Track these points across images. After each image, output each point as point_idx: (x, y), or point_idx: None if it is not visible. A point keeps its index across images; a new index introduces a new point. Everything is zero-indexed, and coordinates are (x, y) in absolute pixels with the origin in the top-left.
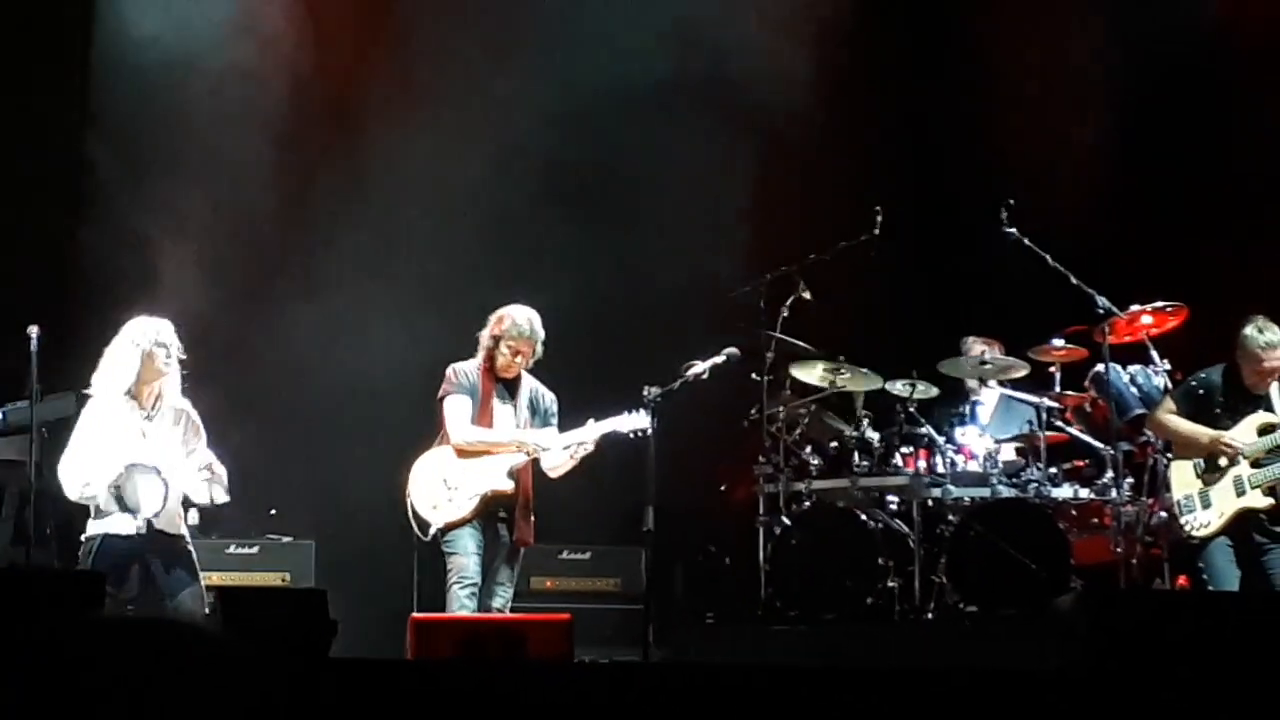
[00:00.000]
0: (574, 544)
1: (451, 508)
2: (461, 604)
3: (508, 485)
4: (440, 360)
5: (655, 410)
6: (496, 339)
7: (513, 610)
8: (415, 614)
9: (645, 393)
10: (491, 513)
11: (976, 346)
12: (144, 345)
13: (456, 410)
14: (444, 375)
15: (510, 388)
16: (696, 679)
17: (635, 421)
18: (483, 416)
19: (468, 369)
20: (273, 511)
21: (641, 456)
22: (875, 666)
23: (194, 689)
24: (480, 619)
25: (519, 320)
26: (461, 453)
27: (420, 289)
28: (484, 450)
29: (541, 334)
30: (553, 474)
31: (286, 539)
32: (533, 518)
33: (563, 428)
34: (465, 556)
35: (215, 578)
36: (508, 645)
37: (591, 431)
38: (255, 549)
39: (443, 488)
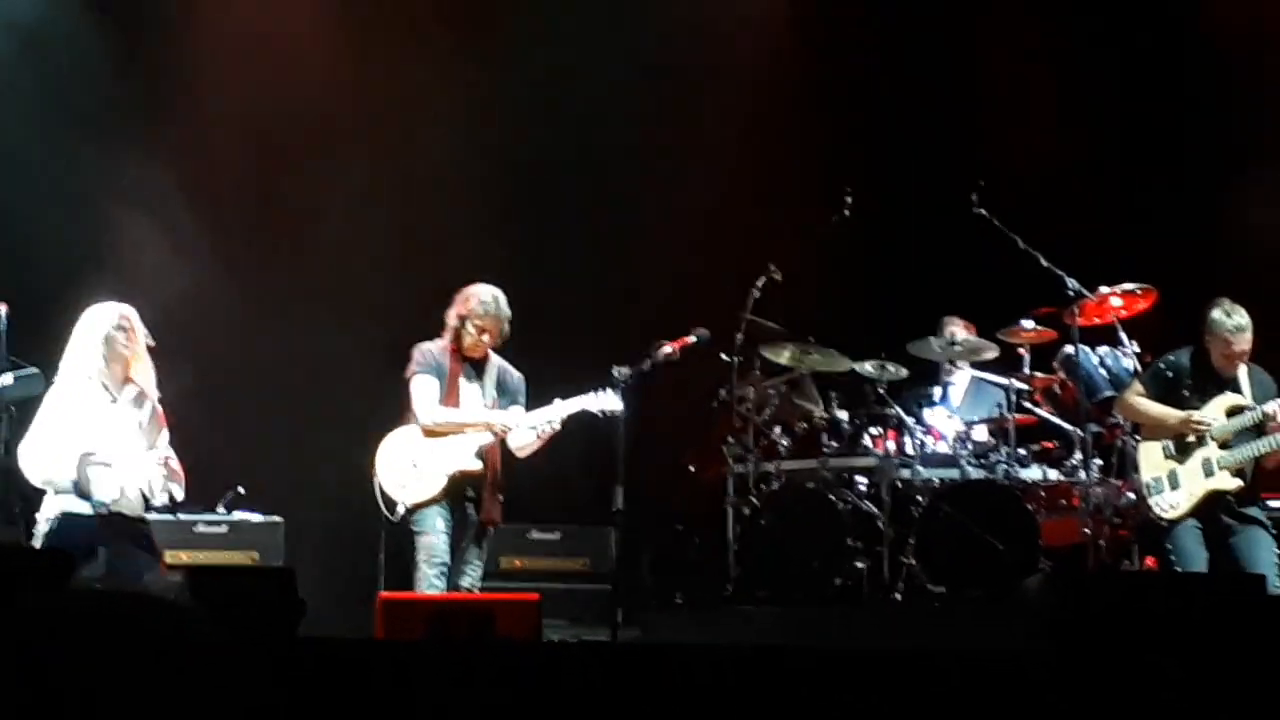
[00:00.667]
0: (543, 524)
1: (420, 487)
2: (430, 583)
3: (476, 465)
4: (407, 339)
5: (625, 391)
6: (463, 318)
7: (481, 590)
8: (384, 593)
9: (615, 373)
10: (460, 492)
11: (950, 328)
12: (103, 330)
13: (423, 390)
14: (410, 355)
15: (477, 367)
16: (665, 659)
17: (604, 401)
18: (450, 396)
19: (434, 349)
20: (241, 490)
21: (611, 437)
22: (843, 647)
23: (165, 663)
24: (449, 598)
25: (485, 299)
26: (429, 432)
27: (387, 269)
28: (452, 430)
29: (508, 313)
30: (520, 453)
31: (255, 518)
32: (501, 497)
33: (531, 408)
34: (434, 535)
35: (183, 556)
36: (476, 625)
37: (559, 410)
38: (224, 528)
39: (410, 467)
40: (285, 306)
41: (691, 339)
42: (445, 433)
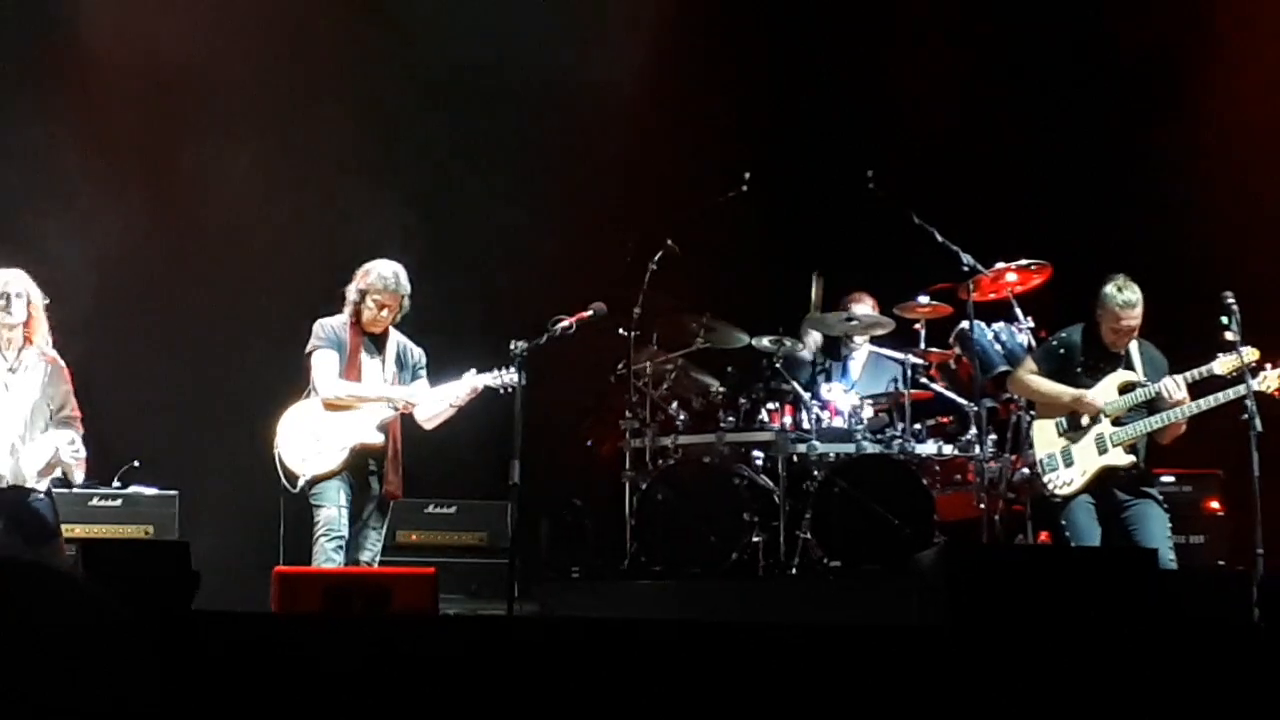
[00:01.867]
0: (439, 498)
1: (320, 460)
2: (328, 557)
3: (377, 438)
4: (307, 313)
5: (522, 364)
6: (363, 293)
7: (378, 564)
8: (279, 567)
9: (512, 346)
10: (360, 465)
11: (855, 305)
12: None
13: (324, 364)
14: (311, 330)
15: (377, 342)
16: (561, 633)
17: (505, 377)
18: (350, 371)
19: (334, 324)
20: (136, 464)
21: (508, 410)
22: (740, 621)
23: (58, 630)
24: (345, 572)
25: (384, 274)
26: (330, 406)
27: (288, 241)
28: (353, 404)
29: (407, 288)
30: (428, 425)
31: (150, 491)
32: (401, 470)
33: (434, 384)
34: (332, 509)
35: (78, 530)
36: (372, 598)
37: (463, 386)
38: (118, 502)
39: (311, 440)
40: (182, 278)
41: (589, 313)
42: (346, 406)
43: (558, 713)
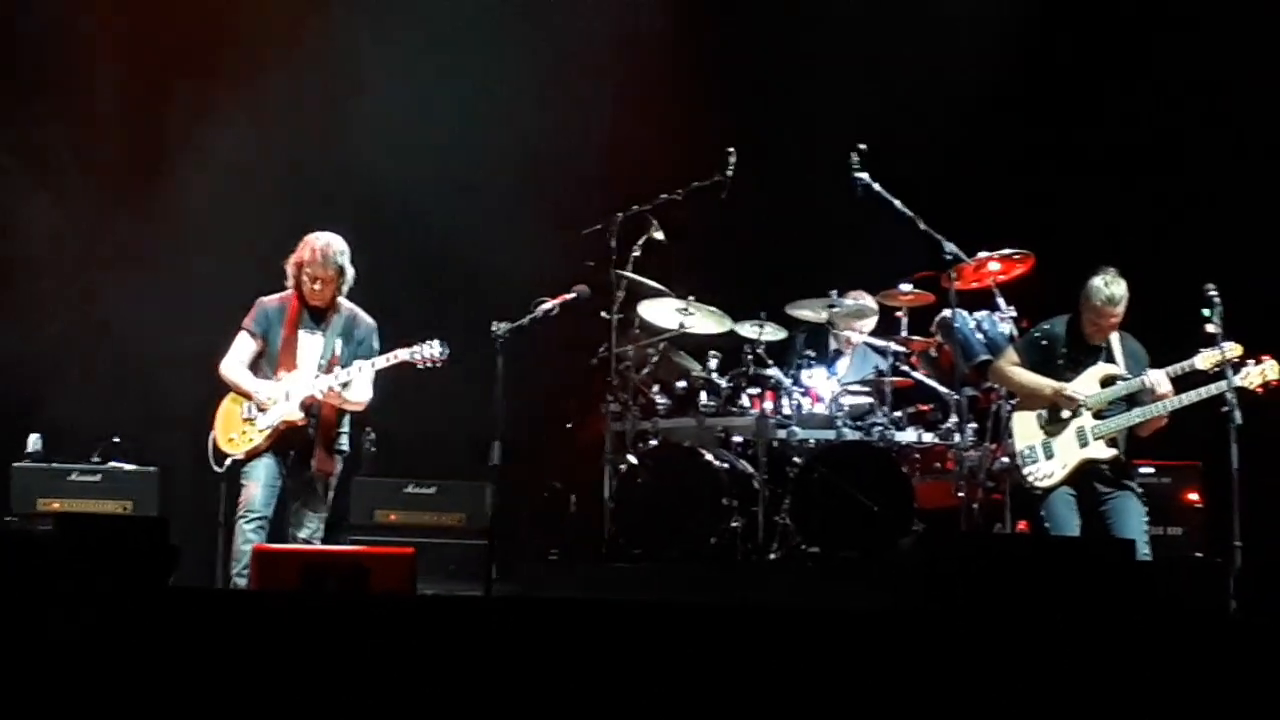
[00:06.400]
0: (419, 478)
1: (245, 439)
2: (245, 537)
3: (298, 416)
4: (272, 286)
5: (503, 346)
6: (299, 266)
7: (356, 543)
8: (258, 544)
9: (495, 328)
10: (287, 444)
11: (855, 299)
12: None
13: (236, 346)
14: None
15: (321, 315)
16: (539, 614)
17: (425, 350)
18: (286, 348)
19: (272, 302)
20: (115, 439)
21: (489, 392)
22: (718, 605)
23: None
24: (323, 551)
25: (317, 247)
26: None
27: (266, 217)
28: (239, 390)
29: (340, 260)
30: (357, 408)
31: (129, 467)
32: (341, 448)
33: None
34: (254, 487)
35: (56, 504)
36: (350, 578)
37: (383, 357)
38: (97, 477)
39: (239, 420)
40: (166, 255)
41: (572, 296)
42: (274, 385)
43: (534, 694)
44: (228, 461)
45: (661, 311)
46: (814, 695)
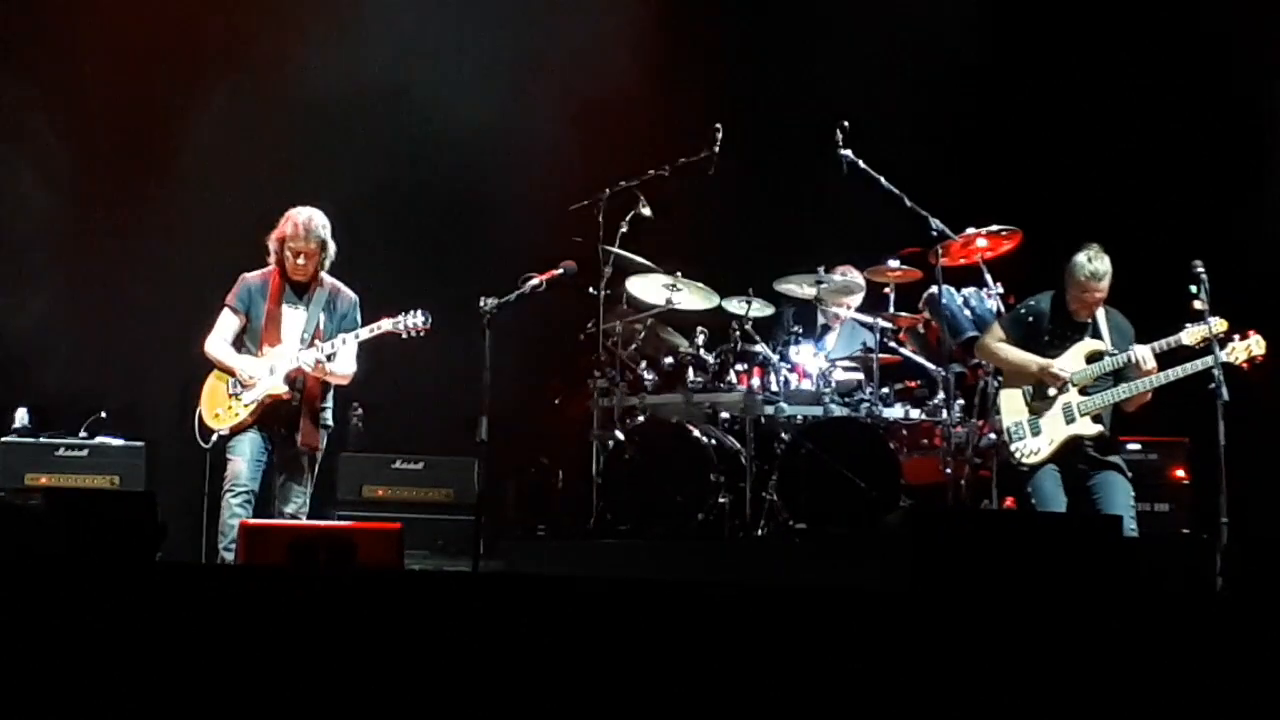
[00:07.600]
0: (407, 454)
1: (230, 415)
2: (233, 511)
3: (282, 389)
4: (259, 263)
5: (491, 322)
6: (280, 242)
7: (343, 518)
8: (245, 519)
9: (482, 303)
10: (272, 419)
11: (846, 275)
12: None
13: (219, 323)
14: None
15: (303, 290)
16: (526, 590)
17: (407, 320)
18: (269, 323)
19: (254, 278)
20: (103, 414)
21: (477, 367)
22: (705, 581)
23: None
24: (310, 526)
25: (299, 221)
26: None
27: (255, 196)
28: (222, 367)
29: (322, 235)
30: (342, 381)
31: (117, 442)
32: (326, 423)
33: None
34: (240, 462)
35: (43, 479)
36: (337, 552)
37: (366, 329)
38: (84, 452)
39: (225, 395)
40: (153, 231)
41: (559, 272)
42: (258, 360)
43: (521, 669)
44: (214, 437)
45: (649, 287)
46: (802, 671)
